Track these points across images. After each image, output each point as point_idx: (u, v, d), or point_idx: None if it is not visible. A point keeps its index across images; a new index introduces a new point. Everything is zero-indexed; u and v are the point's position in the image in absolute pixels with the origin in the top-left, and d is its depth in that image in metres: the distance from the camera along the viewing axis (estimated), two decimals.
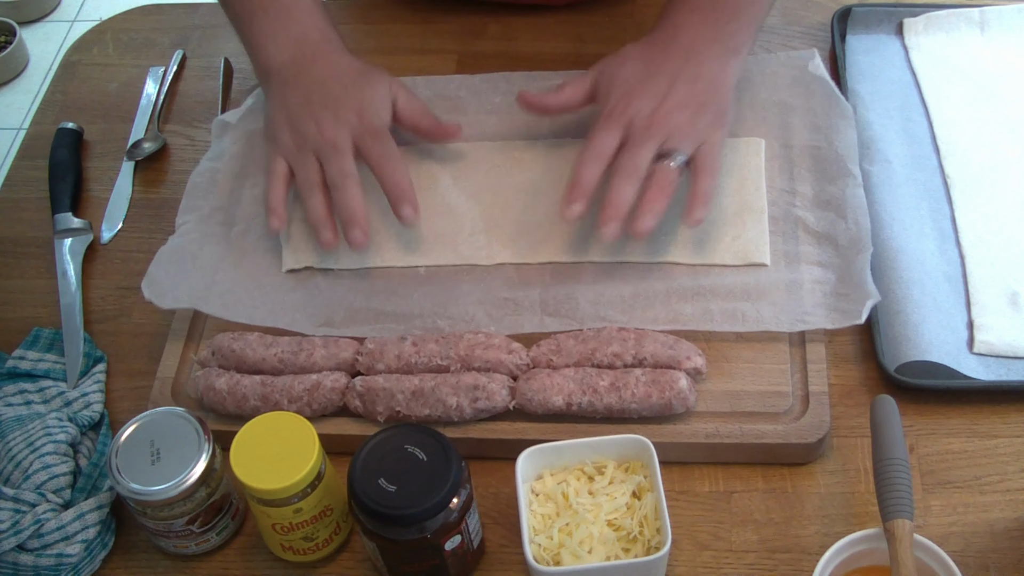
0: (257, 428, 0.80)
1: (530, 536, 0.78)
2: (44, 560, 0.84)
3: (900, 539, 0.74)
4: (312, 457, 0.78)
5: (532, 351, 0.91)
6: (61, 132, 1.16)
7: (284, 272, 1.00)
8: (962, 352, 0.90)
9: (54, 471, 0.86)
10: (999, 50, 1.12)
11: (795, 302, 0.92)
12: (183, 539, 0.84)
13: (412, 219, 0.97)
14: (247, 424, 0.80)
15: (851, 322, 0.90)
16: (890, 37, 1.15)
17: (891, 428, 0.80)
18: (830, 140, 1.02)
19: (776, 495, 0.86)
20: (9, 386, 0.96)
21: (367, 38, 1.24)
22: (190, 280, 0.99)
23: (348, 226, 0.97)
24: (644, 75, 0.98)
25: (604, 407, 0.87)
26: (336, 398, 0.89)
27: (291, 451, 0.78)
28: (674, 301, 0.94)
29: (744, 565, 0.83)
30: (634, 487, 0.81)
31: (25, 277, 1.07)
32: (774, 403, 0.88)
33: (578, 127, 1.08)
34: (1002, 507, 0.84)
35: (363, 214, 0.97)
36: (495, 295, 0.96)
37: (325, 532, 0.83)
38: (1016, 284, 0.94)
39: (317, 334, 0.94)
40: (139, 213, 1.11)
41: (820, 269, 0.94)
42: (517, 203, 1.03)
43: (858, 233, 0.95)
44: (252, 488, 0.78)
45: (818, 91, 1.06)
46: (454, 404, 0.87)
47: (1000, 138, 1.04)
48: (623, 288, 0.95)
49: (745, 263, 0.96)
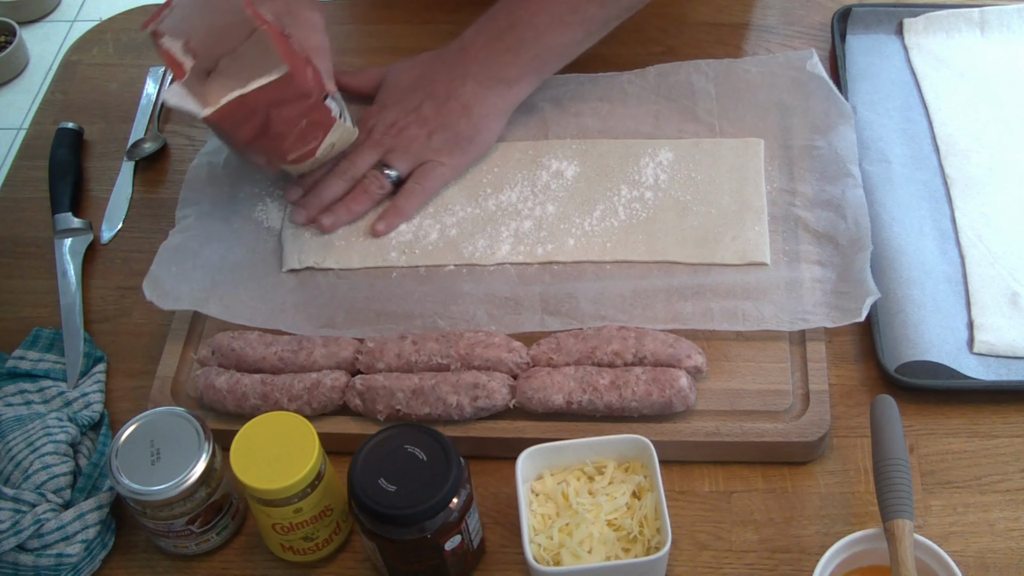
0: (257, 428, 0.80)
1: (530, 536, 0.78)
2: (44, 560, 0.84)
3: (900, 539, 0.74)
4: (312, 457, 0.78)
5: (532, 350, 0.91)
6: (61, 132, 1.16)
7: (284, 272, 1.00)
8: (962, 352, 0.90)
9: (54, 471, 0.86)
10: (999, 50, 1.12)
11: (795, 301, 0.92)
12: (183, 539, 0.84)
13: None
14: (247, 424, 0.80)
15: (851, 320, 0.90)
16: (890, 37, 1.15)
17: (891, 428, 0.80)
18: (829, 140, 1.02)
19: (776, 495, 0.86)
20: (9, 386, 0.96)
21: (367, 38, 1.24)
22: (191, 281, 0.99)
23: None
24: (408, 87, 1.04)
25: (604, 405, 0.87)
26: (336, 397, 0.89)
27: (291, 451, 0.78)
28: (674, 300, 0.94)
29: (744, 565, 0.83)
30: (634, 487, 0.81)
31: (25, 277, 1.07)
32: (774, 402, 0.88)
33: (577, 130, 1.08)
34: (1002, 507, 0.84)
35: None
36: (496, 294, 0.96)
37: (325, 532, 0.83)
38: (1016, 284, 0.94)
39: (318, 335, 0.94)
40: (139, 213, 1.11)
41: (820, 268, 0.94)
42: (517, 204, 1.03)
43: (858, 232, 0.95)
44: (252, 488, 0.78)
45: (817, 91, 1.06)
46: (454, 403, 0.87)
47: (1000, 138, 1.04)
48: (623, 287, 0.95)
49: (745, 262, 0.96)
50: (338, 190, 1.02)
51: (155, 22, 0.92)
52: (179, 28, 0.94)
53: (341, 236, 1.01)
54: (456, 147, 1.02)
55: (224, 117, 0.90)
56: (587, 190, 1.03)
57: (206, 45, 0.95)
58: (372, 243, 1.00)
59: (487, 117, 1.03)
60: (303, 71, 0.91)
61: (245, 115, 0.91)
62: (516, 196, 1.03)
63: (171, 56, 0.93)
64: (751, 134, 1.05)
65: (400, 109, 1.03)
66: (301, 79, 0.91)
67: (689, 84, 1.09)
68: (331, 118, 0.97)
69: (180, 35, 0.94)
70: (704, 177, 1.02)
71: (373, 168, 1.02)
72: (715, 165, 1.03)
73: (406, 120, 1.02)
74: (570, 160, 1.05)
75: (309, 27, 1.01)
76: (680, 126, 1.07)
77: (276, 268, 1.00)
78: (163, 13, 0.92)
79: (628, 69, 1.12)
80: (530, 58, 1.02)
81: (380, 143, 1.02)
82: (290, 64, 0.89)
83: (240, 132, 0.93)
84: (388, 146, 1.02)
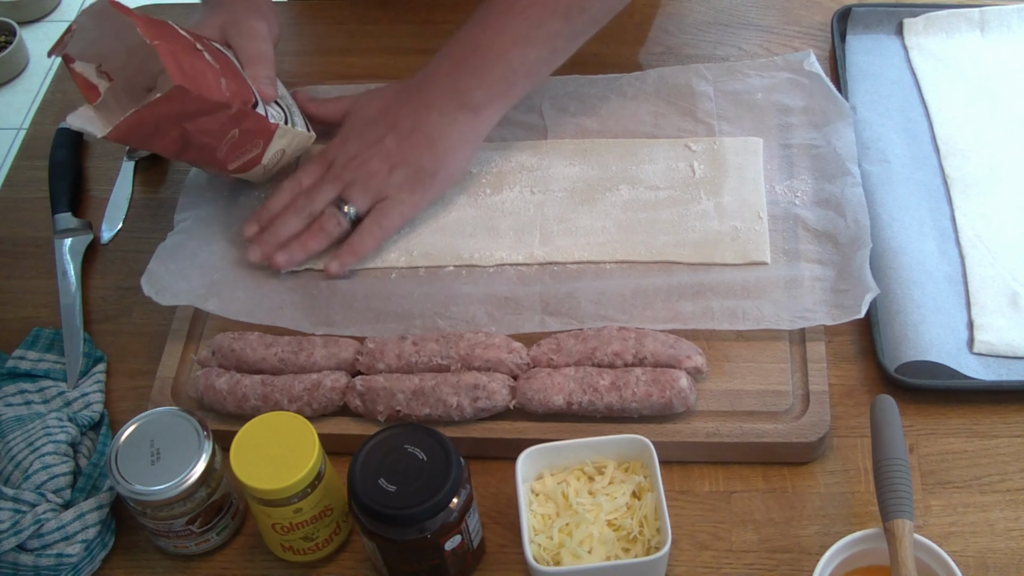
0: (257, 428, 0.80)
1: (530, 536, 0.78)
2: (44, 560, 0.84)
3: (900, 539, 0.74)
4: (312, 457, 0.78)
5: (532, 350, 0.91)
6: (61, 132, 1.16)
7: (284, 272, 1.00)
8: (962, 352, 0.90)
9: (54, 471, 0.86)
10: (999, 50, 1.12)
11: (795, 299, 0.92)
12: (183, 539, 0.84)
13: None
14: (247, 424, 0.80)
15: (851, 316, 0.90)
16: (890, 37, 1.15)
17: (891, 428, 0.80)
18: (828, 139, 1.02)
19: (776, 495, 0.86)
20: (9, 386, 0.96)
21: (367, 38, 1.24)
22: (189, 278, 0.99)
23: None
24: (373, 119, 1.01)
25: (604, 406, 0.87)
26: (336, 397, 0.89)
27: (291, 451, 0.78)
28: (675, 299, 0.94)
29: (744, 565, 0.83)
30: (634, 487, 0.81)
31: (25, 277, 1.07)
32: (774, 402, 0.88)
33: (576, 130, 1.08)
34: (1002, 507, 0.84)
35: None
36: (495, 295, 0.96)
37: (325, 532, 0.83)
38: (1016, 284, 0.94)
39: (317, 332, 0.94)
40: (139, 213, 1.11)
41: (820, 266, 0.94)
42: (517, 204, 1.03)
43: (857, 231, 0.95)
44: (252, 488, 0.78)
45: (816, 91, 1.06)
46: (454, 403, 0.87)
47: (1000, 138, 1.04)
48: (624, 287, 0.95)
49: (745, 262, 0.96)
50: (294, 227, 0.98)
51: (60, 47, 0.92)
52: (90, 52, 0.93)
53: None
54: (418, 184, 0.98)
55: (126, 135, 0.89)
56: (587, 190, 1.03)
57: (128, 69, 0.95)
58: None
59: (451, 150, 0.98)
60: (211, 84, 0.90)
61: (150, 131, 0.90)
62: (515, 196, 1.03)
63: (84, 79, 0.93)
64: (750, 133, 1.05)
65: (362, 142, 1.00)
66: (206, 92, 0.89)
67: (689, 86, 1.09)
68: (269, 125, 0.97)
69: (92, 58, 0.93)
70: (703, 176, 1.02)
71: (332, 204, 0.98)
72: (714, 164, 1.03)
73: (368, 153, 0.99)
74: (570, 160, 1.05)
75: (251, 36, 1.01)
76: (679, 126, 1.07)
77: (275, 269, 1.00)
78: (65, 39, 0.91)
79: (628, 69, 1.12)
80: (495, 80, 0.97)
81: (340, 177, 0.99)
82: (184, 78, 0.87)
83: (156, 147, 0.92)
84: (348, 180, 0.98)
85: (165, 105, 0.87)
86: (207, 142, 0.93)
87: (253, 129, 0.96)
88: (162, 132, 0.90)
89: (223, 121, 0.92)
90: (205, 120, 0.91)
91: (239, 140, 0.95)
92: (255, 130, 0.96)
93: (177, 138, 0.91)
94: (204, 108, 0.90)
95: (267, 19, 1.04)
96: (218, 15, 1.02)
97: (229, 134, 0.93)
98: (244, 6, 1.03)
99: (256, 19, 1.02)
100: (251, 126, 0.95)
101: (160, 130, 0.90)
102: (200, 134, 0.92)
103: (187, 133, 0.91)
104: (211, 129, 0.92)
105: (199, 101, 0.89)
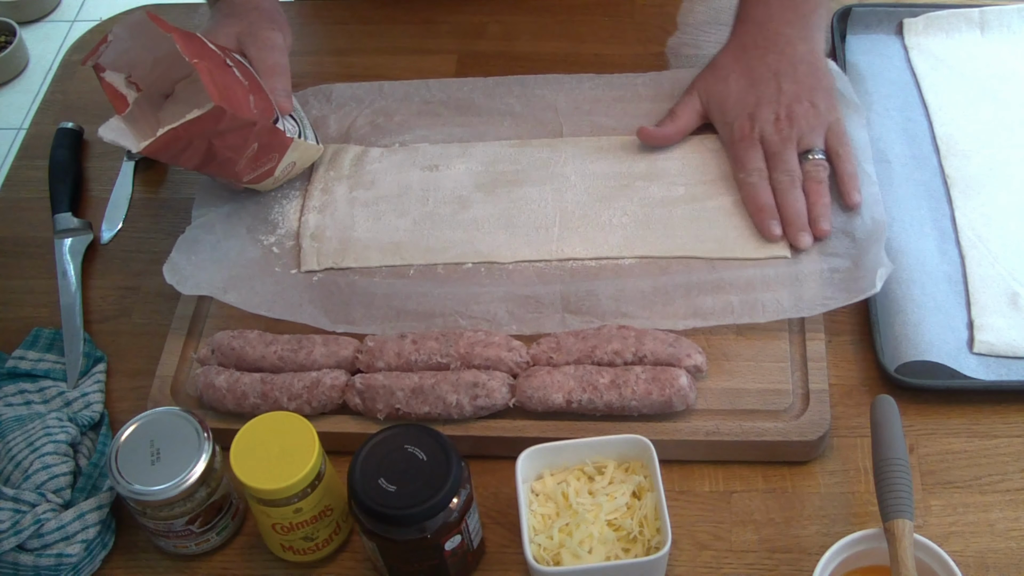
0: (257, 428, 0.80)
1: (530, 536, 0.78)
2: (44, 560, 0.84)
3: (900, 539, 0.74)
4: (312, 457, 0.78)
5: (532, 349, 0.91)
6: (61, 132, 1.16)
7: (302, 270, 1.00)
8: (962, 352, 0.90)
9: (54, 471, 0.86)
10: (999, 50, 1.12)
11: (813, 289, 0.92)
12: (183, 539, 0.84)
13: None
14: (247, 424, 0.80)
15: (868, 293, 0.90)
16: (890, 37, 1.15)
17: (891, 428, 0.80)
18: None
19: (776, 495, 0.86)
20: (9, 386, 0.96)
21: (367, 38, 1.24)
22: (209, 271, 0.99)
23: None
24: (750, 85, 1.03)
25: (604, 404, 0.87)
26: (336, 396, 0.89)
27: (291, 451, 0.78)
28: (694, 295, 0.94)
29: (744, 565, 0.83)
30: (634, 487, 0.81)
31: (25, 277, 1.07)
32: (774, 401, 0.88)
33: (591, 127, 1.08)
34: (1002, 507, 0.84)
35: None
36: (515, 293, 0.96)
37: (325, 532, 0.83)
38: (1016, 284, 0.94)
39: (337, 330, 0.94)
40: (139, 213, 1.11)
41: (838, 259, 0.94)
42: (535, 200, 1.03)
43: (874, 227, 0.95)
44: (252, 488, 0.78)
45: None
46: (454, 402, 0.87)
47: (1000, 138, 1.04)
48: (643, 284, 0.95)
49: (765, 256, 0.96)
50: (798, 200, 0.98)
51: (94, 56, 0.92)
52: (121, 61, 0.93)
53: (360, 235, 1.01)
54: (832, 101, 1.02)
55: (160, 150, 0.90)
56: (604, 187, 1.03)
57: (151, 77, 0.95)
58: (390, 242, 1.00)
59: (825, 59, 1.05)
60: (241, 102, 0.91)
61: (182, 146, 0.91)
62: (533, 193, 1.03)
63: (113, 89, 0.94)
64: None
65: (769, 104, 1.01)
66: (239, 111, 0.90)
67: None
68: (285, 139, 0.97)
69: (122, 68, 0.94)
70: (721, 172, 1.02)
71: (802, 162, 1.00)
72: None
73: (784, 110, 1.01)
74: (587, 157, 1.05)
75: (268, 47, 1.01)
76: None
77: (294, 267, 1.00)
78: (100, 48, 0.92)
79: (629, 69, 1.13)
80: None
81: (786, 139, 1.00)
82: (221, 98, 0.88)
83: (182, 161, 0.93)
84: (794, 136, 1.00)
85: (201, 124, 0.89)
86: (229, 156, 0.94)
87: (271, 143, 0.97)
88: (192, 147, 0.91)
89: (247, 136, 0.93)
90: (232, 136, 0.92)
91: (257, 154, 0.96)
92: (273, 144, 0.97)
93: (203, 152, 0.92)
94: (236, 125, 0.91)
95: (282, 29, 1.04)
96: (233, 24, 1.02)
97: (249, 148, 0.94)
98: (259, 16, 1.03)
99: (271, 29, 1.02)
100: (269, 140, 0.96)
101: (190, 146, 0.91)
102: (225, 149, 0.93)
103: (212, 148, 0.92)
104: (235, 144, 0.93)
105: (232, 120, 0.90)
